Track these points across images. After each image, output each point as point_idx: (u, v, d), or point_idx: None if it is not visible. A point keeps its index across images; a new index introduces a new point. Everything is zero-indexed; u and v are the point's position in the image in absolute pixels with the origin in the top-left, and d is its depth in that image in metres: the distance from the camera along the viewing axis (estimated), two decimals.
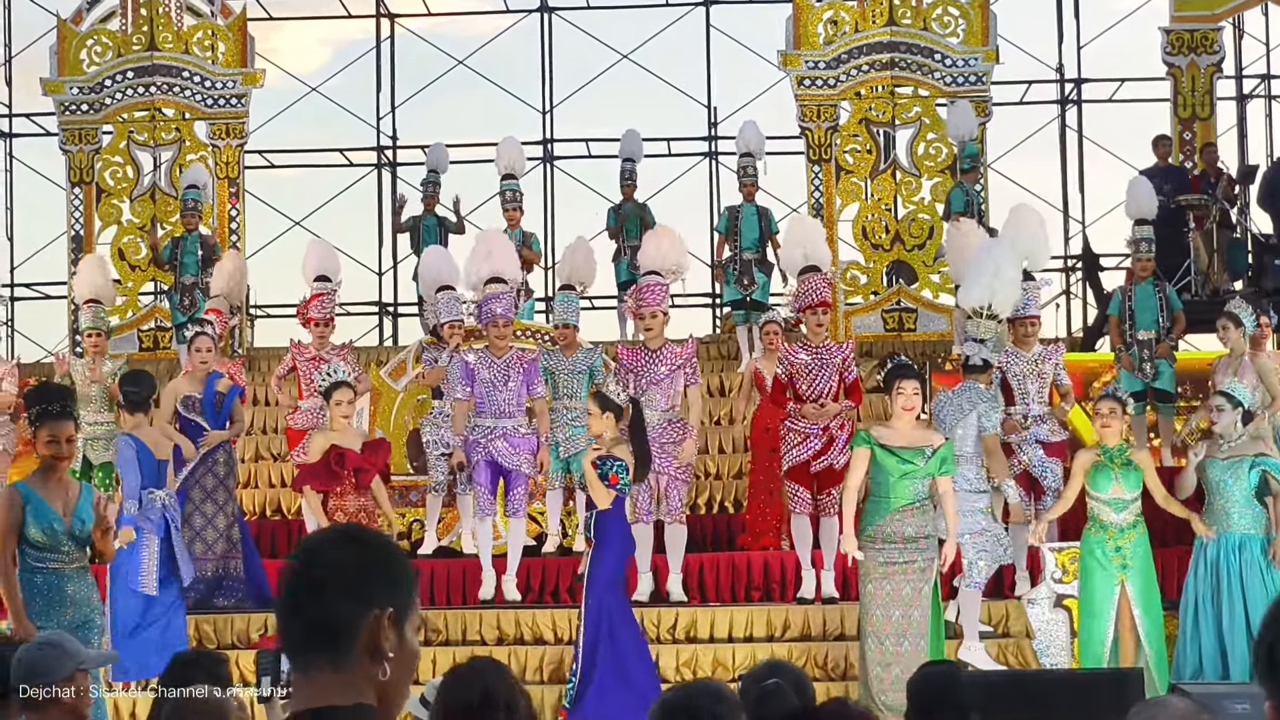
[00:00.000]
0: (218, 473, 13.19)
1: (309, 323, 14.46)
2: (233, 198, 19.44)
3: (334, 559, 3.10)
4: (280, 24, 24.03)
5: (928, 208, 18.92)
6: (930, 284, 18.89)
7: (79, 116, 19.39)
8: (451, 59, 23.72)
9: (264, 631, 12.50)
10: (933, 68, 18.84)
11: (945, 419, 12.20)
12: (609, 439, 11.20)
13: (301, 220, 23.47)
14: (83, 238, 19.34)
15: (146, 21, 19.48)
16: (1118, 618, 11.58)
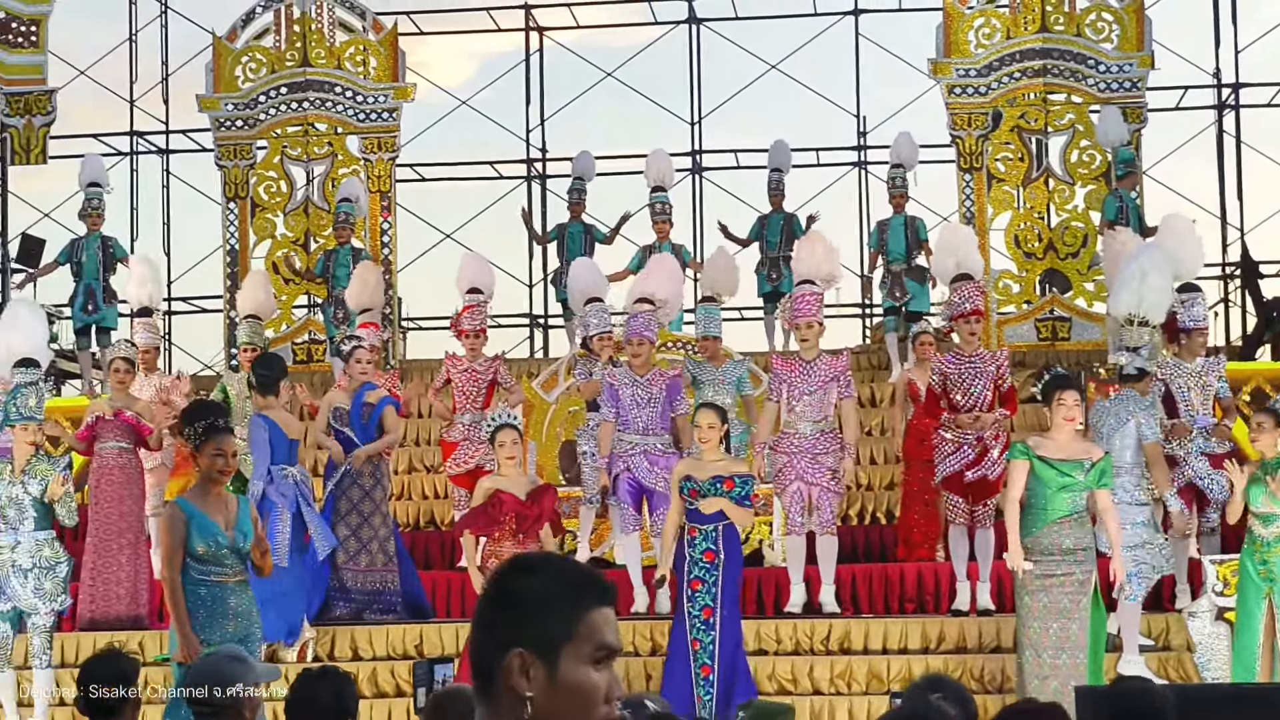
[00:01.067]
0: (363, 484, 13.24)
1: (461, 334, 14.55)
2: (384, 211, 19.59)
3: (481, 602, 3.11)
4: (428, 38, 24.22)
5: (1081, 215, 18.69)
6: (1084, 292, 18.66)
7: (234, 132, 19.63)
8: (600, 71, 23.80)
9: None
10: (1086, 74, 18.61)
11: (1102, 429, 12.03)
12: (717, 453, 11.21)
13: (452, 233, 23.65)
14: (238, 252, 19.58)
15: (300, 38, 19.70)
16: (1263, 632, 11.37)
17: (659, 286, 14.13)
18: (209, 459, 9.16)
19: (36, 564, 11.39)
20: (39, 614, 11.43)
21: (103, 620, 13.26)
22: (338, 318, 17.63)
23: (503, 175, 24.14)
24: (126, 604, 13.38)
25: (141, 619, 13.36)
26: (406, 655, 12.63)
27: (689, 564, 11.11)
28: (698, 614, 11.05)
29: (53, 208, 23.39)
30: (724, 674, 10.95)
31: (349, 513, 13.23)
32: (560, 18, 24.07)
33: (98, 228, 18.14)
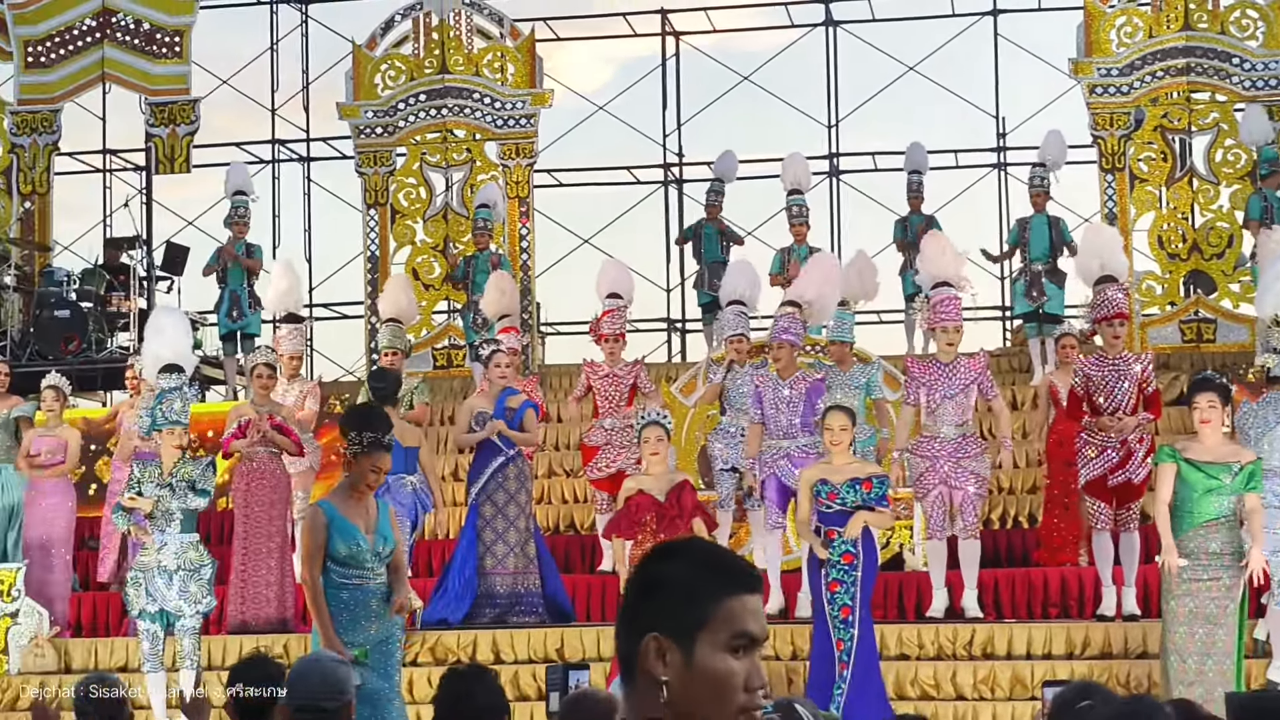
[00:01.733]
0: (508, 488, 13.33)
1: (600, 339, 14.59)
2: (523, 217, 19.67)
3: (625, 589, 3.13)
4: (563, 43, 24.31)
5: (1226, 215, 18.43)
6: (1230, 294, 18.38)
7: (373, 140, 19.79)
8: (736, 75, 23.77)
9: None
10: (1230, 72, 18.34)
11: (1250, 432, 11.86)
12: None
13: (590, 238, 23.70)
14: (378, 258, 19.73)
15: (438, 45, 19.83)
16: None
17: (806, 288, 14.08)
18: (364, 471, 9.17)
19: (181, 566, 11.54)
20: (185, 616, 11.59)
21: (252, 623, 13.42)
22: (477, 323, 17.73)
23: (640, 180, 24.18)
24: (274, 607, 13.52)
25: (288, 622, 13.50)
26: (547, 659, 12.66)
27: (827, 566, 11.08)
28: (836, 613, 11.03)
29: (197, 215, 23.74)
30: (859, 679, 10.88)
31: (495, 516, 13.31)
32: (697, 22, 24.08)
33: (243, 235, 18.37)
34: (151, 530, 11.64)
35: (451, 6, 19.86)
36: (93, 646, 13.38)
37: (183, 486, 11.56)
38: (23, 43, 20.98)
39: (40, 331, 19.21)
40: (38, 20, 21.00)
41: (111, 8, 20.77)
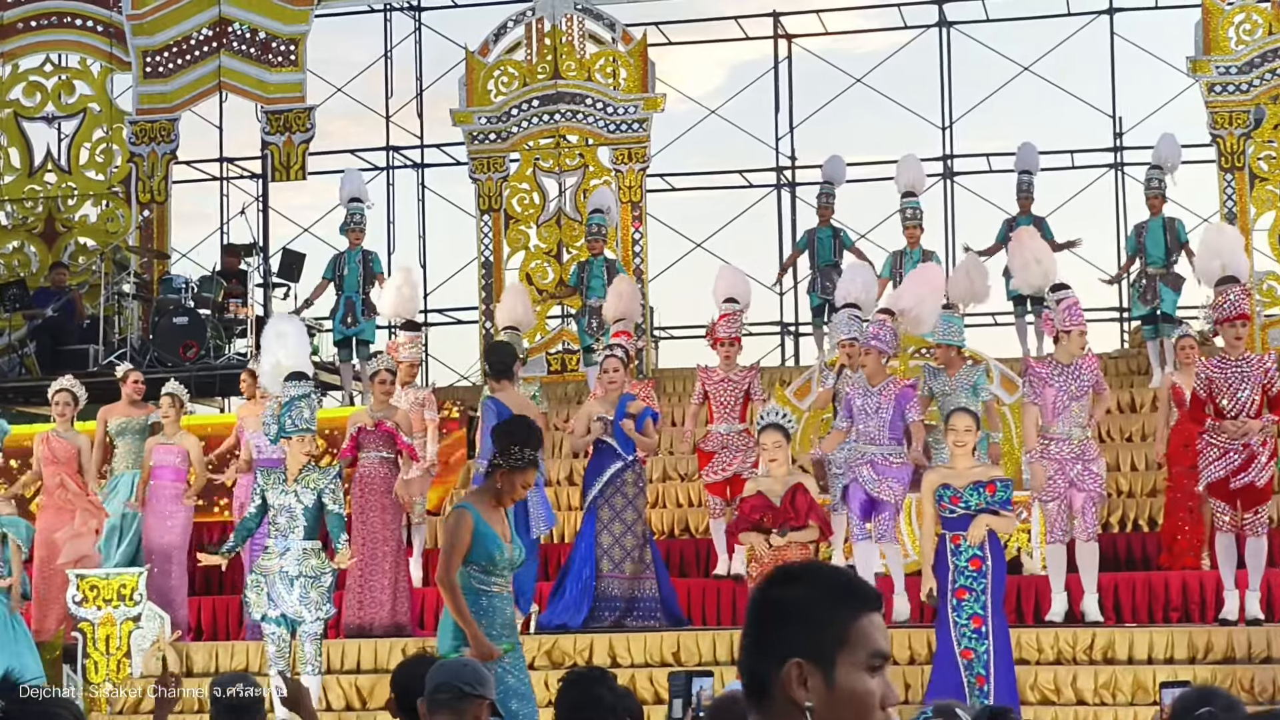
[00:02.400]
0: (626, 493, 13.35)
1: (716, 343, 14.58)
2: (636, 221, 19.70)
3: (751, 614, 3.09)
4: (673, 47, 24.31)
5: None
6: None
7: (487, 145, 19.88)
8: (849, 77, 23.68)
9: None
10: None
11: None
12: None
13: (702, 242, 23.68)
14: (492, 264, 19.81)
15: (550, 51, 19.89)
16: None
17: (904, 296, 14.01)
18: (514, 485, 9.09)
19: (302, 573, 11.63)
20: (306, 622, 11.67)
21: (368, 628, 13.49)
22: (591, 327, 17.77)
23: (752, 184, 24.14)
24: (389, 611, 13.59)
25: (404, 627, 13.57)
26: (664, 663, 12.66)
27: (954, 572, 10.96)
28: (965, 623, 10.88)
29: (312, 222, 23.94)
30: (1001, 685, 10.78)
31: (612, 520, 13.32)
32: (809, 24, 24.00)
33: (359, 242, 18.50)
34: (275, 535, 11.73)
35: (564, 12, 19.91)
36: (213, 650, 13.51)
37: (308, 493, 11.64)
38: (141, 53, 21.24)
39: (159, 338, 19.42)
40: (155, 31, 21.25)
41: (227, 17, 20.99)
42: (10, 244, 22.09)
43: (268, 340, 12.74)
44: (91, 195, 21.97)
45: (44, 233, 21.95)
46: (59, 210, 21.95)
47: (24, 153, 22.08)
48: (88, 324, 20.33)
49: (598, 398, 13.75)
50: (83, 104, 22.04)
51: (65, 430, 14.81)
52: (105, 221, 21.87)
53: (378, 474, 13.80)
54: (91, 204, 22.04)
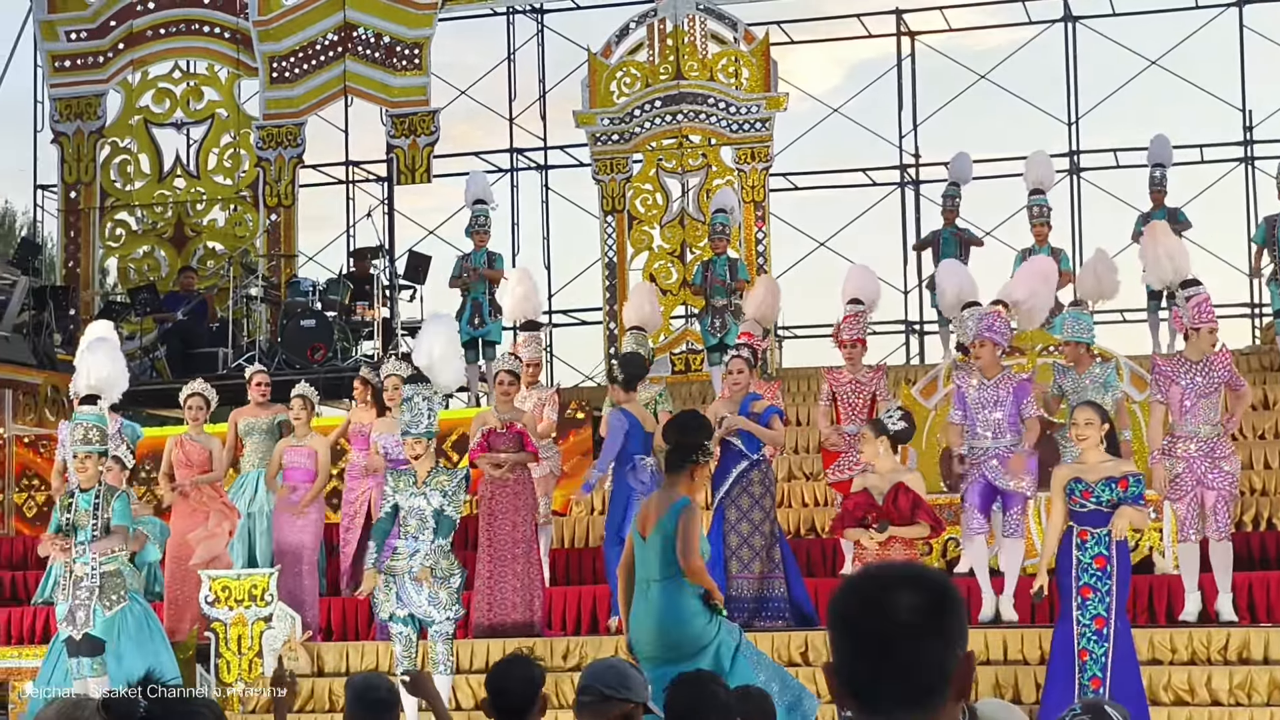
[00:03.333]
0: (753, 492, 13.32)
1: (840, 344, 14.52)
2: (759, 221, 19.67)
3: (938, 605, 2.93)
4: (790, 46, 24.25)
5: None
6: None
7: (610, 147, 19.92)
8: (973, 73, 23.52)
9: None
10: None
11: None
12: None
13: (825, 241, 23.61)
14: (616, 264, 19.85)
15: (673, 51, 19.91)
16: None
17: (1017, 288, 13.89)
18: (704, 480, 9.32)
19: (432, 574, 11.68)
20: (437, 622, 11.73)
21: (498, 628, 13.54)
22: (714, 327, 17.74)
23: (875, 182, 24.03)
24: (520, 612, 13.63)
25: (535, 627, 13.60)
26: (791, 662, 12.62)
27: (1078, 569, 10.80)
28: (1088, 623, 10.72)
29: (437, 224, 24.09)
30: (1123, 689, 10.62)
31: (739, 521, 13.29)
32: (932, 21, 23.88)
33: (484, 244, 18.58)
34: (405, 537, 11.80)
35: (686, 12, 19.92)
36: (344, 650, 13.61)
37: (436, 496, 11.69)
38: (267, 59, 21.46)
39: (287, 341, 19.60)
40: (281, 36, 21.47)
41: (352, 22, 21.17)
42: (140, 249, 22.40)
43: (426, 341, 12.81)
44: (220, 200, 22.24)
45: (173, 237, 22.23)
46: (188, 215, 22.22)
47: (154, 158, 22.37)
48: (217, 327, 20.56)
49: (726, 398, 13.73)
50: (211, 110, 22.30)
51: (197, 433, 14.97)
52: (233, 226, 22.13)
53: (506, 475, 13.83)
54: (220, 208, 22.30)
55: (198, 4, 22.04)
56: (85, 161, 22.18)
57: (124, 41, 22.12)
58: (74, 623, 12.22)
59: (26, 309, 20.12)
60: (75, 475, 12.65)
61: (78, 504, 12.30)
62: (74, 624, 12.22)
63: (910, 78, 23.69)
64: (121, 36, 22.11)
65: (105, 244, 22.34)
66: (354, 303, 20.10)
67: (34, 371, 19.46)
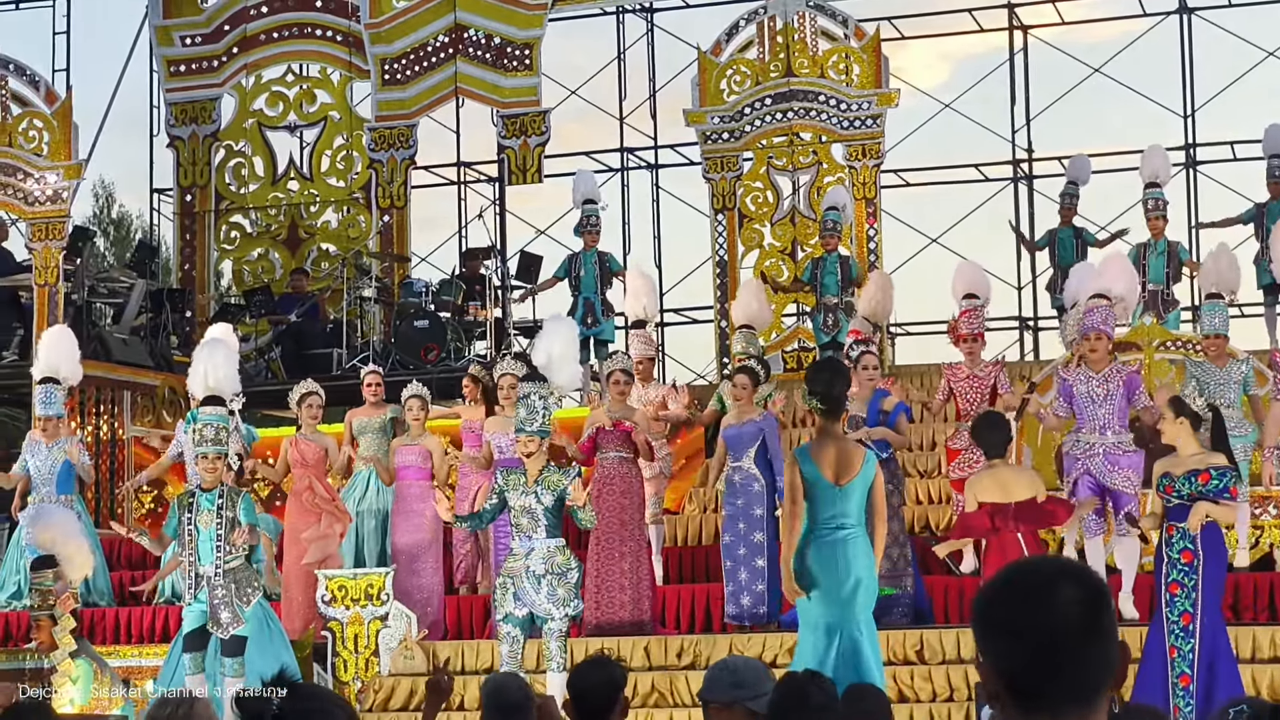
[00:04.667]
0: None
1: (959, 339, 14.44)
2: (870, 217, 19.59)
3: (1098, 606, 2.91)
4: (898, 42, 24.12)
5: None
6: None
7: (720, 145, 19.90)
8: (1086, 67, 23.32)
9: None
10: None
11: None
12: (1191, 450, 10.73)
13: (938, 237, 23.48)
14: (727, 263, 19.82)
15: (783, 49, 19.85)
16: None
17: (1114, 281, 13.75)
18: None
19: (549, 570, 11.70)
20: (553, 619, 11.74)
21: (607, 626, 13.55)
22: (827, 325, 17.68)
23: (988, 178, 23.88)
24: (629, 610, 13.64)
25: (645, 625, 13.60)
26: (906, 660, 12.56)
27: (1166, 565, 10.63)
28: (1176, 619, 10.55)
29: (548, 224, 24.15)
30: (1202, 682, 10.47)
31: None
32: (1044, 14, 23.69)
33: (594, 244, 18.61)
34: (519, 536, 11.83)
35: (796, 9, 19.86)
36: (459, 648, 13.67)
37: (547, 494, 11.71)
38: (379, 61, 21.60)
39: (400, 341, 19.71)
40: (393, 39, 21.60)
41: (463, 24, 21.26)
42: (255, 251, 22.60)
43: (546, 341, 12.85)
44: (333, 201, 22.40)
45: (287, 239, 22.42)
46: (301, 217, 22.41)
47: (267, 161, 22.57)
48: (330, 328, 20.71)
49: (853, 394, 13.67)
50: (323, 112, 22.48)
51: (312, 433, 15.07)
52: (346, 227, 22.29)
53: (616, 473, 13.85)
54: (333, 210, 22.47)
55: (310, 8, 22.22)
56: (200, 165, 22.40)
57: (238, 46, 22.33)
58: (219, 623, 12.30)
59: (144, 312, 20.36)
60: (198, 475, 12.78)
61: (199, 503, 12.42)
62: (219, 624, 12.30)
63: (1023, 72, 23.53)
64: (235, 41, 22.32)
65: (220, 247, 22.56)
66: (466, 303, 20.18)
67: (151, 373, 19.68)
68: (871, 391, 13.43)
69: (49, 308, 18.75)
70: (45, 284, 18.87)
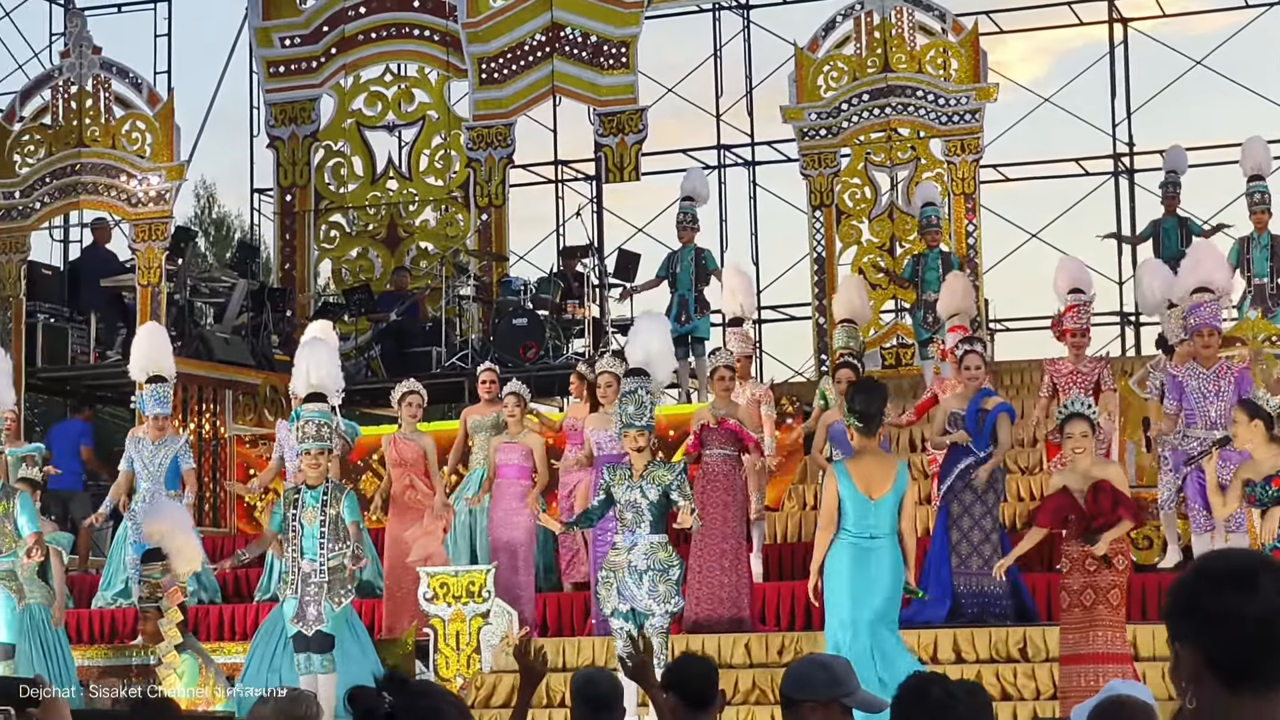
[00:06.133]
0: (975, 488, 13.20)
1: (1064, 335, 14.33)
2: (969, 213, 19.47)
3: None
4: (998, 36, 23.96)
5: None
6: None
7: (818, 141, 19.83)
8: (1188, 59, 23.10)
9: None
10: None
11: None
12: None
13: (1038, 232, 23.32)
14: (824, 259, 19.77)
15: (880, 44, 19.77)
16: None
17: (1213, 272, 13.60)
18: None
19: (651, 567, 11.71)
20: (655, 616, 11.76)
21: (707, 623, 13.55)
22: (927, 321, 17.61)
23: (1088, 172, 23.69)
24: (729, 607, 13.64)
25: (744, 622, 13.59)
26: (1009, 658, 12.49)
27: None
28: None
29: (646, 222, 24.17)
30: None
31: (961, 516, 13.18)
32: (1144, 6, 23.48)
33: (690, 240, 18.62)
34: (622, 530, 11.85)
35: (893, 4, 19.77)
36: (560, 645, 13.70)
37: (652, 489, 11.72)
38: (476, 60, 21.68)
39: (499, 340, 19.79)
40: (490, 38, 21.68)
41: (560, 22, 21.31)
42: (354, 250, 22.75)
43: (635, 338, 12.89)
44: (431, 200, 22.52)
45: (386, 238, 22.55)
46: (400, 216, 22.53)
47: (366, 161, 22.71)
48: (430, 327, 20.82)
49: (956, 393, 13.59)
50: (421, 112, 22.60)
51: (410, 432, 15.14)
52: (445, 226, 22.40)
53: (720, 470, 13.84)
54: (431, 209, 22.59)
55: (408, 8, 22.34)
56: (300, 165, 22.57)
57: (336, 46, 22.48)
58: (304, 619, 12.41)
59: (245, 311, 20.55)
60: (302, 471, 12.88)
61: (304, 500, 12.52)
62: (304, 620, 12.41)
63: (1123, 64, 23.34)
64: (334, 41, 22.47)
65: (320, 246, 22.72)
66: (565, 301, 20.23)
67: (253, 372, 19.85)
68: (975, 390, 13.35)
69: (152, 308, 18.94)
70: (148, 284, 19.06)
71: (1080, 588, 10.98)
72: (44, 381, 20.33)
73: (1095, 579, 10.95)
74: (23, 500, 13.11)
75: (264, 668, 12.81)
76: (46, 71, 20.64)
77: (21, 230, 19.77)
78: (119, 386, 19.52)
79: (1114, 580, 10.96)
